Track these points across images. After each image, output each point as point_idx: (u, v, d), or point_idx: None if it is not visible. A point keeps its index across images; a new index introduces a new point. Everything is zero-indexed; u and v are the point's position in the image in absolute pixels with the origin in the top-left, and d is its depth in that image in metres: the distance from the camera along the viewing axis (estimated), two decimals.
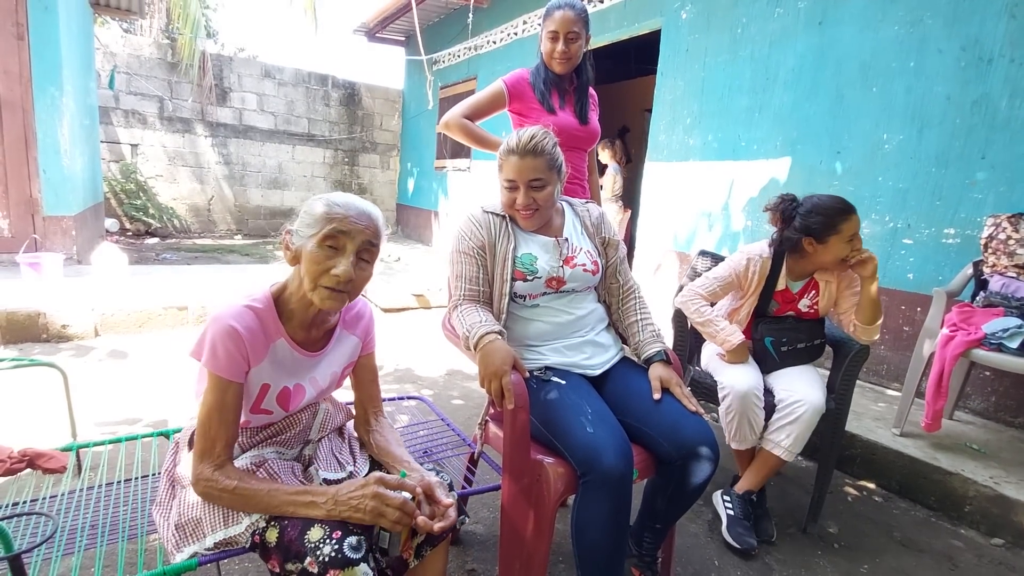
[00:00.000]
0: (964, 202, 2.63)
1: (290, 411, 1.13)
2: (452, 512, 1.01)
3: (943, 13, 2.69)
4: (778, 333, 1.88)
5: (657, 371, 1.43)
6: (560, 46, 1.93)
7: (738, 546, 1.73)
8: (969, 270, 2.41)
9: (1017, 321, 2.06)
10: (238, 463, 1.08)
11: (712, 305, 1.94)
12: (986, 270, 2.34)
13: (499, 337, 1.32)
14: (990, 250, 2.31)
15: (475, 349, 1.32)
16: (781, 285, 1.88)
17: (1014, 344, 2.01)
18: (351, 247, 1.01)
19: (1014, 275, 2.22)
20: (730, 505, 1.82)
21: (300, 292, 1.05)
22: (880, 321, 1.79)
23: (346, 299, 1.04)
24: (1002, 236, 2.27)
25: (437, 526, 0.98)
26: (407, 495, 0.97)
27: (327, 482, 1.07)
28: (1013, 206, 2.43)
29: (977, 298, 2.31)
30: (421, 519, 0.97)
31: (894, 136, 2.89)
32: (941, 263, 2.71)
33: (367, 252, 1.04)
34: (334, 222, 1.00)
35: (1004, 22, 2.50)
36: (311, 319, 1.10)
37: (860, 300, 1.80)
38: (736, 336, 1.82)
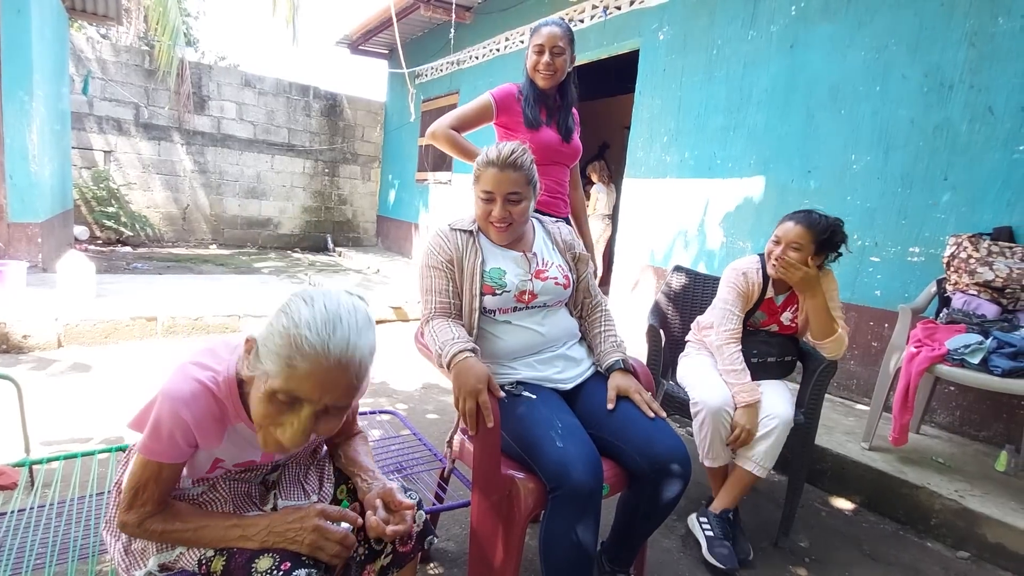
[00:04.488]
0: (928, 222, 2.72)
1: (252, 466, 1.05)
2: (409, 516, 0.98)
3: (907, 40, 2.80)
4: (749, 345, 1.90)
5: (615, 380, 1.43)
6: (545, 58, 1.97)
7: (722, 566, 1.68)
8: (933, 288, 2.48)
9: (978, 337, 2.12)
10: (190, 492, 1.02)
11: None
12: (949, 288, 2.41)
13: (472, 355, 1.31)
14: (952, 268, 2.38)
15: (448, 368, 1.31)
16: (769, 293, 1.93)
17: (975, 360, 2.06)
18: (311, 407, 0.82)
19: (975, 293, 2.30)
20: (708, 526, 1.78)
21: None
22: (833, 338, 1.79)
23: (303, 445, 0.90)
24: (963, 255, 2.34)
25: (390, 529, 0.94)
26: (348, 526, 0.94)
27: None
28: (974, 226, 2.52)
29: (941, 315, 2.37)
30: (374, 520, 0.94)
31: (862, 157, 2.98)
32: (907, 280, 2.79)
33: (336, 408, 0.86)
34: (298, 377, 0.80)
35: (964, 50, 2.61)
36: None
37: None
38: (752, 396, 1.77)
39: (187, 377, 0.87)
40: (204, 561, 0.93)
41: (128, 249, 7.16)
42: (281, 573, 0.85)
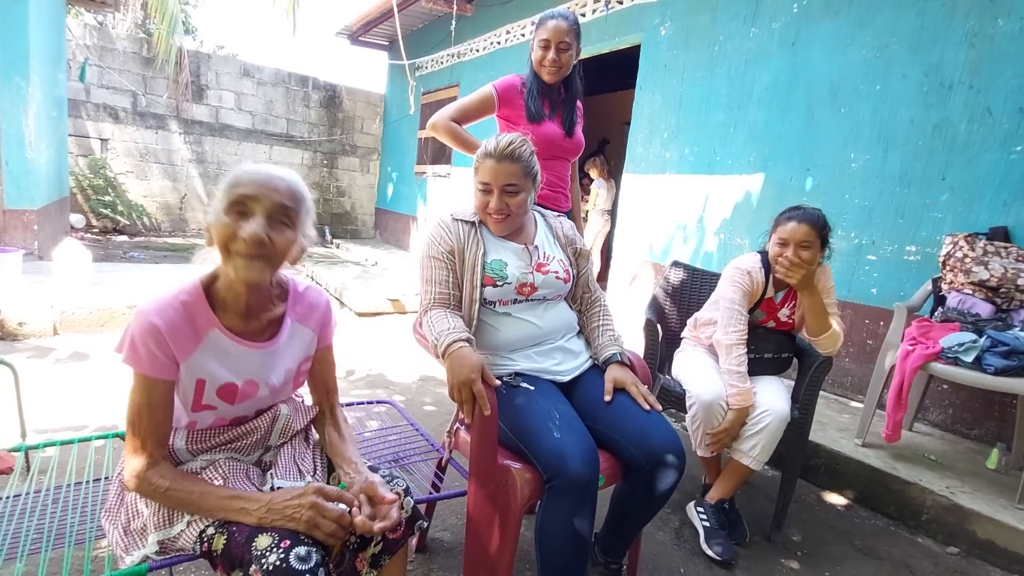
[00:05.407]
0: (925, 221, 2.73)
1: (236, 404, 1.07)
2: (394, 512, 0.98)
3: (908, 40, 2.81)
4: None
5: (612, 372, 1.44)
6: (551, 55, 1.95)
7: (719, 557, 1.74)
8: (928, 286, 2.49)
9: (972, 336, 2.13)
10: (190, 466, 1.04)
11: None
12: (944, 287, 2.42)
13: (467, 344, 1.31)
14: (948, 267, 2.39)
15: (443, 357, 1.31)
16: (769, 293, 1.93)
17: (969, 358, 2.08)
18: (260, 210, 0.95)
19: (970, 292, 2.31)
20: (705, 517, 1.84)
21: (227, 277, 1.00)
22: (828, 334, 1.82)
23: (267, 267, 0.98)
24: (959, 255, 2.36)
25: (377, 526, 0.95)
26: (345, 507, 0.95)
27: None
28: (970, 226, 2.53)
29: (935, 313, 2.39)
30: (359, 519, 0.94)
31: (860, 156, 2.99)
32: (903, 279, 2.80)
33: (284, 216, 0.98)
34: (240, 187, 0.95)
35: (964, 51, 2.61)
36: (245, 307, 1.03)
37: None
38: (744, 402, 1.77)
39: (157, 297, 0.97)
40: (205, 538, 0.94)
41: (124, 238, 7.13)
42: (281, 550, 0.86)
